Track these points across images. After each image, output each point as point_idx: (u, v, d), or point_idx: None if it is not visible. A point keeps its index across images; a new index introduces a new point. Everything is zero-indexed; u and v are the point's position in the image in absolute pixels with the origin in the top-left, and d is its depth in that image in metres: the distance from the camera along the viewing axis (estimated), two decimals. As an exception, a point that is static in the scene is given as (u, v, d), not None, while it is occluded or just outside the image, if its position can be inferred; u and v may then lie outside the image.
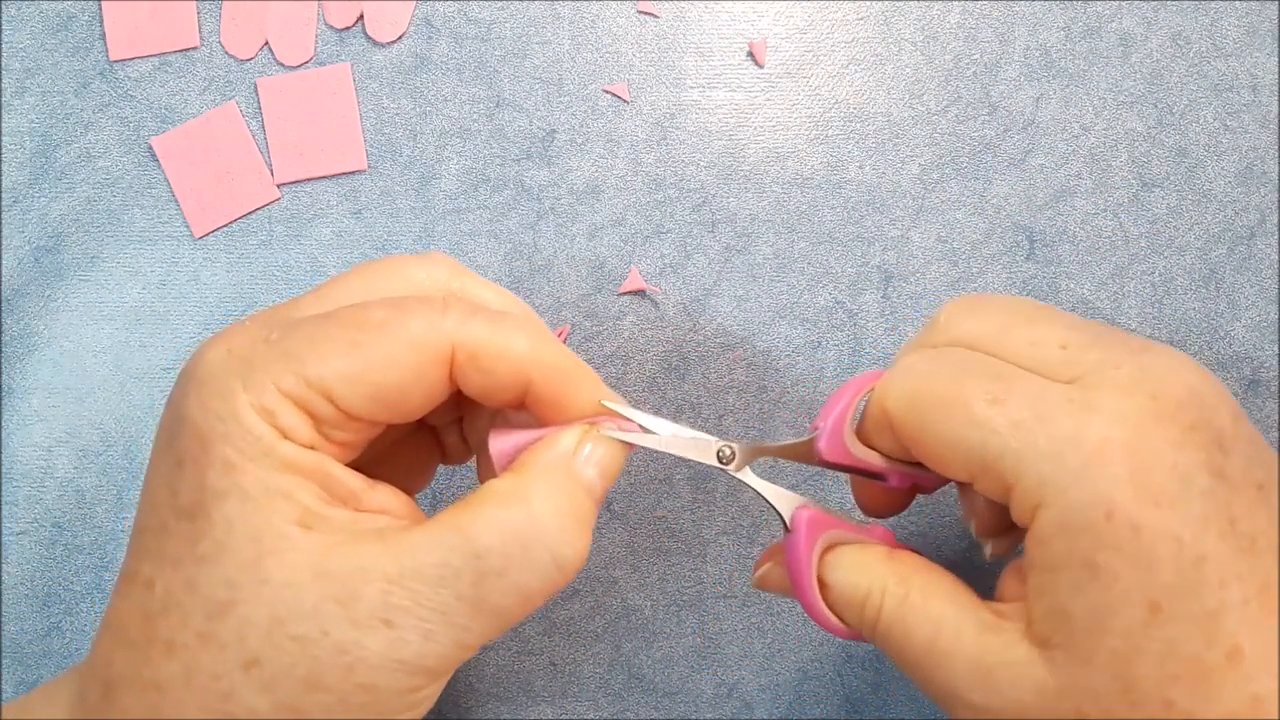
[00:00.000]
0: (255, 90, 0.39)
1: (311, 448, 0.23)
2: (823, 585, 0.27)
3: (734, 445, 0.27)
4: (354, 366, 0.23)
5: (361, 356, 0.23)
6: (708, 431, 0.37)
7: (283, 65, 0.39)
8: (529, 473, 0.24)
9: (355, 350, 0.23)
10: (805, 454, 0.27)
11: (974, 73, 0.38)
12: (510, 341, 0.24)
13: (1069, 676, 0.22)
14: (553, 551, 0.23)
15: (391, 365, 0.23)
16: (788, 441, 0.27)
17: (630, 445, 0.26)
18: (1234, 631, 0.22)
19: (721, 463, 0.27)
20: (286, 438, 0.23)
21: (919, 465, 0.27)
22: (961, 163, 0.38)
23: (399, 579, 0.22)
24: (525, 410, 0.26)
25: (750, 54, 0.39)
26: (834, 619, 0.27)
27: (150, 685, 0.22)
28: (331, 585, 0.22)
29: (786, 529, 0.27)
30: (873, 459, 0.27)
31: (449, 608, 0.22)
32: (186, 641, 0.22)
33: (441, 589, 0.22)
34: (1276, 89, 0.38)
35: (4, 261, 0.38)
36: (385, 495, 0.25)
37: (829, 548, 0.27)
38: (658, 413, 0.37)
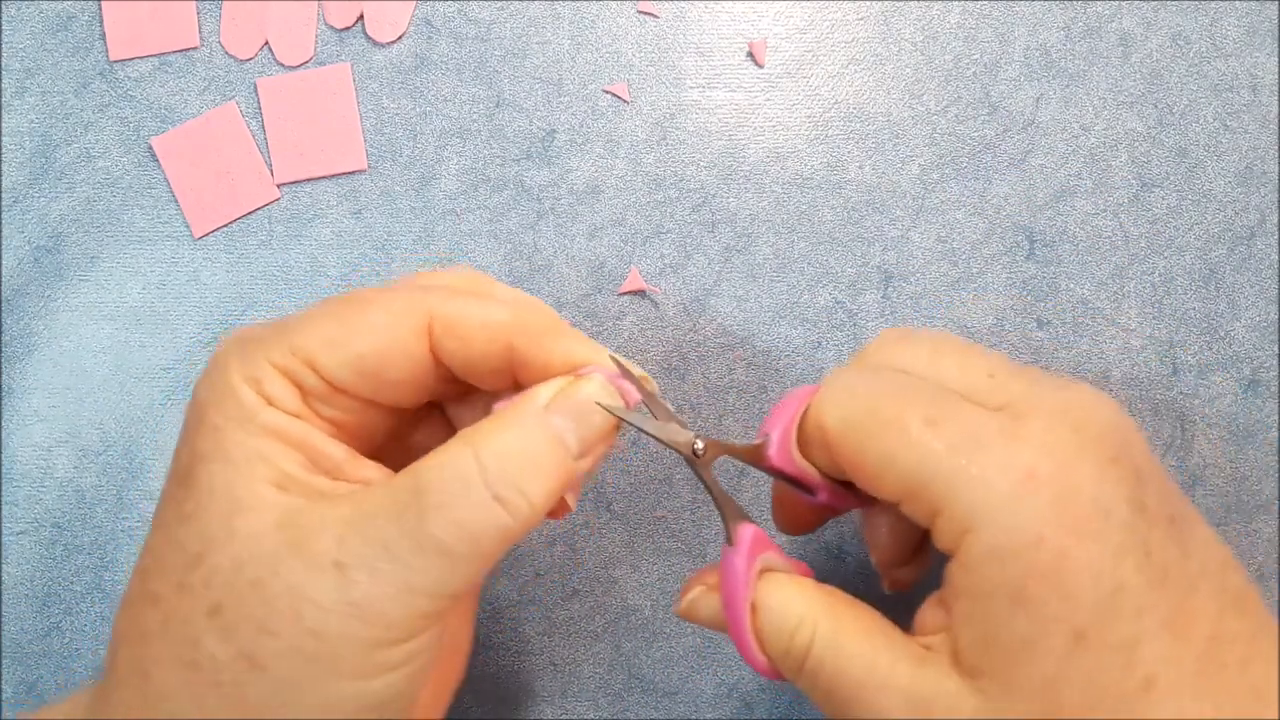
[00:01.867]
0: (255, 90, 0.39)
1: (297, 416, 0.24)
2: (753, 609, 0.26)
3: (706, 440, 0.27)
4: (335, 334, 0.24)
5: (343, 326, 0.24)
6: (707, 431, 0.37)
7: (283, 65, 0.39)
8: (493, 419, 0.24)
9: (338, 322, 0.24)
10: (756, 458, 0.27)
11: (974, 73, 0.38)
12: (489, 312, 0.25)
13: (999, 706, 0.22)
14: (494, 490, 0.23)
15: (369, 332, 0.24)
16: (743, 443, 0.27)
17: (610, 394, 0.25)
18: (1149, 660, 0.22)
19: (696, 455, 0.26)
20: (273, 405, 0.24)
21: (846, 483, 0.27)
22: (961, 163, 0.38)
23: (351, 522, 0.23)
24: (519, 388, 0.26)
25: (750, 54, 0.39)
26: (758, 650, 0.26)
27: (138, 638, 0.23)
28: (290, 533, 0.22)
29: (729, 541, 0.26)
30: (811, 472, 0.27)
31: (392, 542, 0.22)
32: (166, 593, 0.23)
33: (386, 524, 0.22)
34: (1276, 89, 0.38)
35: (4, 261, 0.38)
36: (370, 469, 0.25)
37: (762, 570, 0.26)
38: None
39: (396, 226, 0.38)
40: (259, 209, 0.38)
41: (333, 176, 0.38)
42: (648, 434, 0.26)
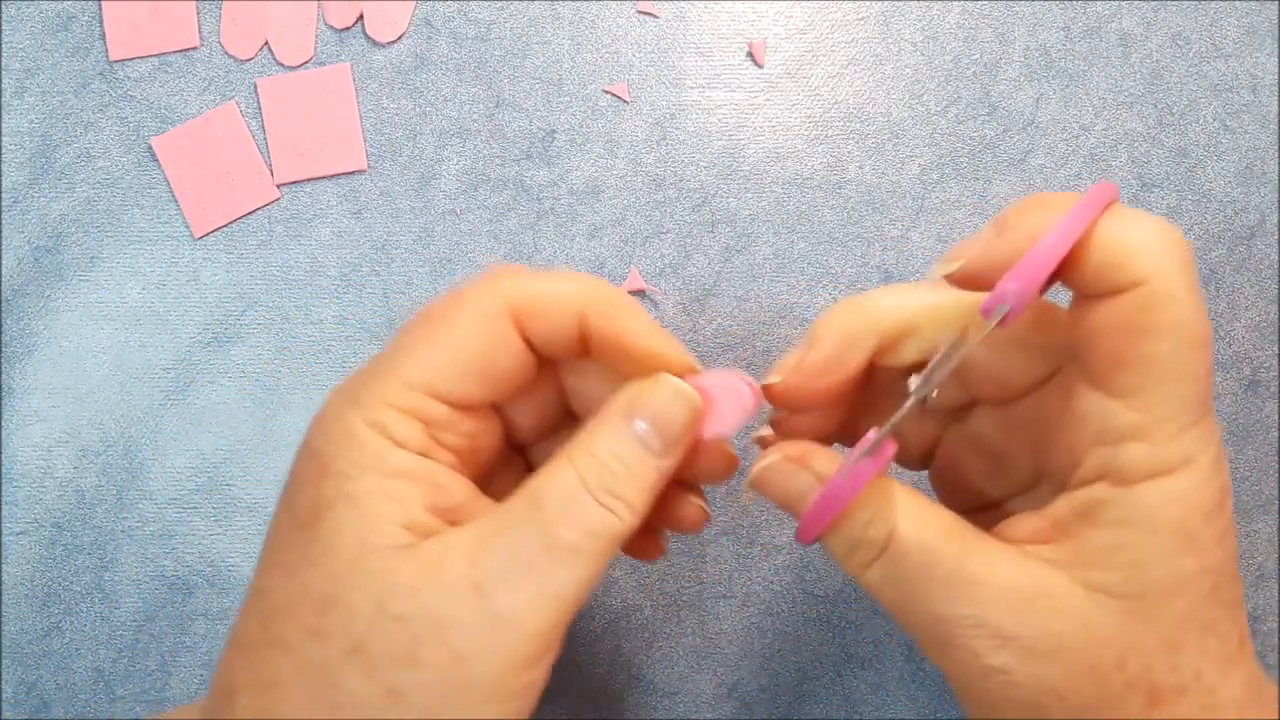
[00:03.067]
0: (255, 90, 0.39)
1: (424, 454, 0.25)
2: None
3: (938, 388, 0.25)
4: (440, 353, 0.25)
5: (443, 341, 0.25)
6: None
7: (283, 65, 0.39)
8: (585, 432, 0.25)
9: (435, 340, 0.25)
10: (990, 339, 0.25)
11: (974, 73, 0.38)
12: (560, 283, 0.26)
13: (1122, 623, 0.23)
14: (598, 497, 0.24)
15: (468, 336, 0.25)
16: (975, 342, 0.25)
17: (691, 396, 0.26)
18: (1241, 627, 0.23)
19: (925, 402, 0.25)
20: (400, 447, 0.24)
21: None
22: (961, 163, 0.38)
23: (480, 543, 0.23)
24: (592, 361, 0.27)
25: (750, 54, 0.39)
26: (819, 533, 0.25)
27: (265, 685, 0.23)
28: (425, 565, 0.23)
29: (870, 450, 0.25)
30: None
31: (523, 551, 0.23)
32: (297, 639, 0.23)
33: (514, 537, 0.23)
34: (1276, 89, 0.38)
35: (4, 261, 0.38)
36: (488, 504, 0.26)
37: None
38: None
39: (396, 226, 0.38)
40: (259, 209, 0.38)
41: (333, 176, 0.38)
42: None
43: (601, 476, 0.24)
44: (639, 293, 0.37)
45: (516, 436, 0.29)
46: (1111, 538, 0.23)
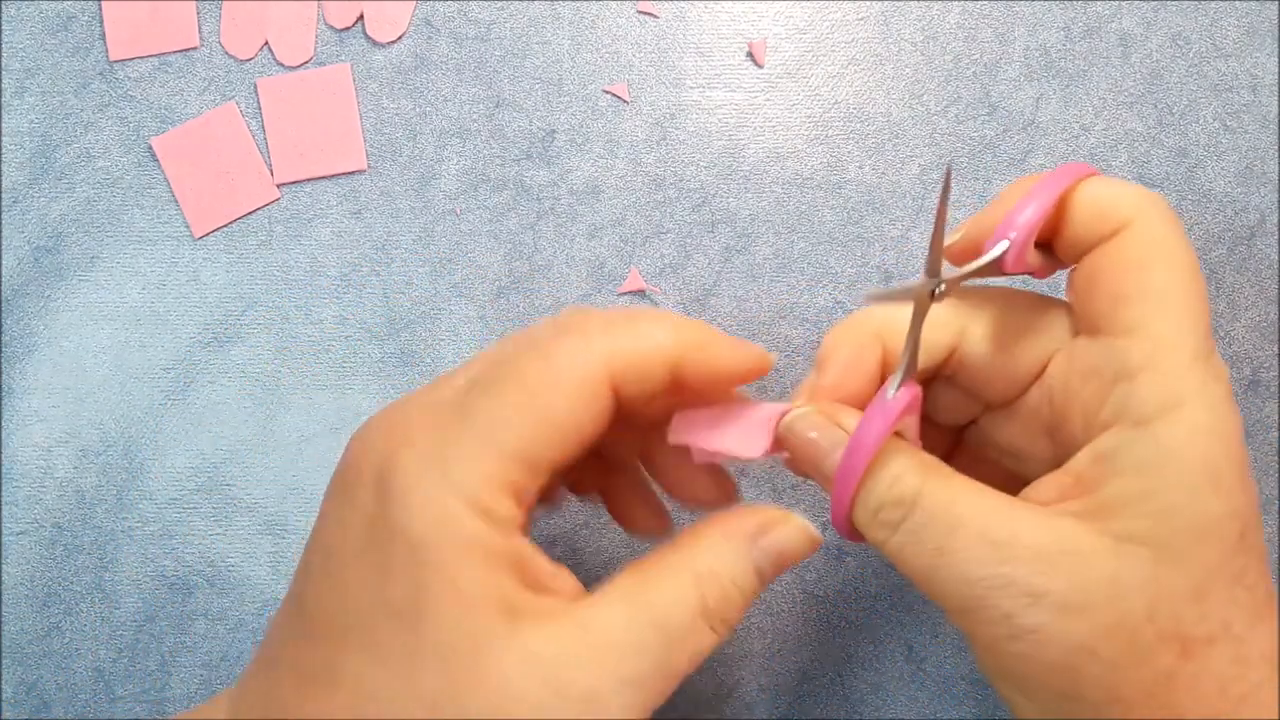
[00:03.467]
0: (255, 90, 0.39)
1: (521, 531, 0.24)
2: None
3: (947, 280, 0.25)
4: (539, 425, 0.24)
5: (541, 412, 0.24)
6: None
7: (283, 65, 0.39)
8: (710, 543, 0.25)
9: (532, 409, 0.24)
10: (991, 272, 0.25)
11: (974, 73, 0.38)
12: (655, 335, 0.25)
13: (1151, 573, 0.22)
14: (711, 623, 0.24)
15: (570, 409, 0.24)
16: (980, 263, 0.25)
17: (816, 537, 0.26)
18: (1268, 580, 0.23)
19: (935, 297, 0.25)
20: (498, 527, 0.23)
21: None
22: (961, 163, 0.38)
23: (598, 658, 0.23)
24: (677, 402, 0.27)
25: (750, 54, 0.39)
26: (849, 504, 0.25)
27: None
28: (543, 671, 0.23)
29: (894, 388, 0.25)
30: (1034, 267, 0.26)
31: (642, 677, 0.23)
32: (447, 708, 0.22)
33: (634, 659, 0.23)
34: (1276, 89, 0.38)
35: (4, 261, 0.38)
36: (565, 576, 0.25)
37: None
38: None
39: (396, 226, 0.38)
40: (259, 209, 0.38)
41: (333, 176, 0.38)
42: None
43: (720, 605, 0.24)
44: (639, 293, 0.37)
45: None
46: (1135, 484, 0.23)
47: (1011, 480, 0.28)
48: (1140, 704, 0.22)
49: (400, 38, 0.39)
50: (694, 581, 0.24)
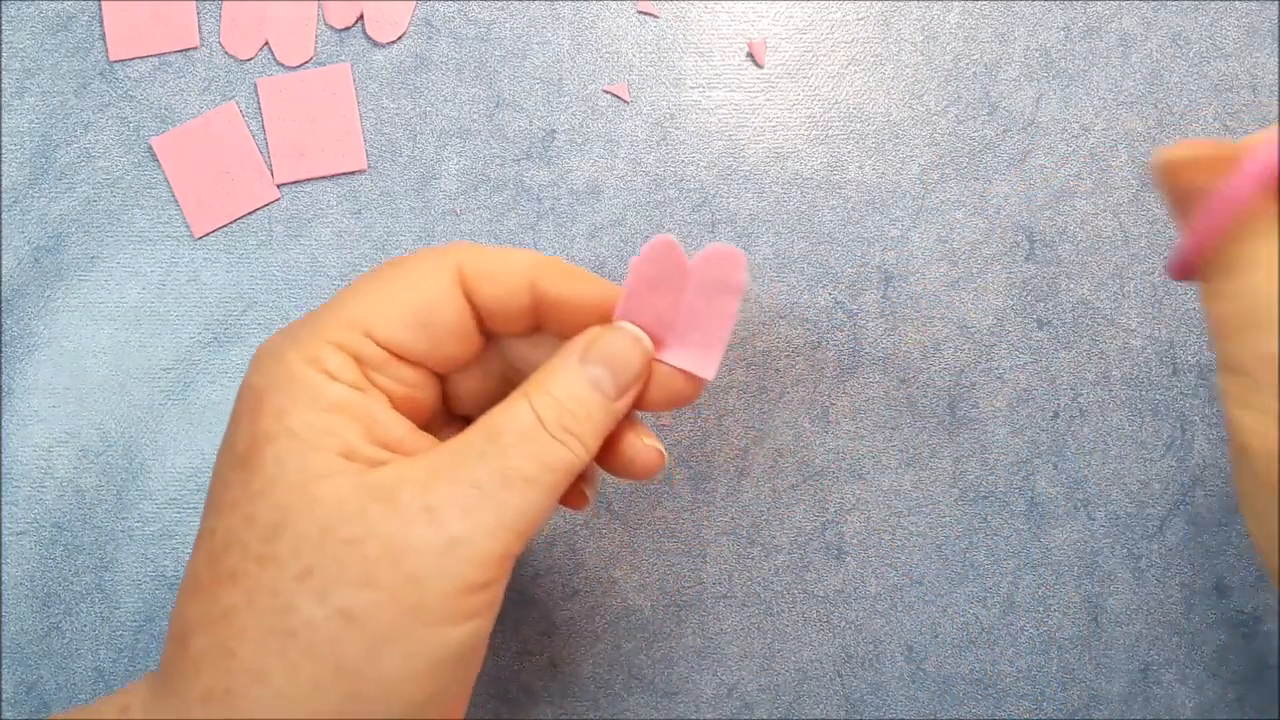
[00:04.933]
0: (255, 90, 0.39)
1: (358, 388, 0.25)
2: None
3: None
4: (384, 298, 0.26)
5: (389, 288, 0.26)
6: (708, 433, 0.37)
7: (283, 65, 0.39)
8: (540, 373, 0.26)
9: (383, 286, 0.26)
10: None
11: (974, 73, 0.38)
12: (512, 252, 0.27)
13: None
14: (554, 433, 0.25)
15: (413, 287, 0.26)
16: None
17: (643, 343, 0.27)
18: None
19: None
20: (334, 380, 0.25)
21: None
22: (961, 163, 0.38)
23: (433, 471, 0.24)
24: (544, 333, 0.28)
25: (750, 54, 0.39)
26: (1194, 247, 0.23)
27: (218, 618, 0.23)
28: (374, 490, 0.23)
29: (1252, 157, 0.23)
30: None
31: (479, 480, 0.24)
32: (246, 569, 0.23)
33: (470, 466, 0.24)
34: (1276, 89, 0.38)
35: (4, 261, 0.38)
36: (428, 441, 0.26)
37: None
38: (657, 414, 0.37)
39: (396, 226, 0.38)
40: (259, 209, 0.38)
41: (333, 176, 0.38)
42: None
43: (558, 415, 0.25)
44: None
45: (459, 409, 0.29)
46: None
47: None
48: None
49: (400, 38, 0.39)
50: (524, 397, 0.25)
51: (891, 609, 0.36)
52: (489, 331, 0.28)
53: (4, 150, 0.38)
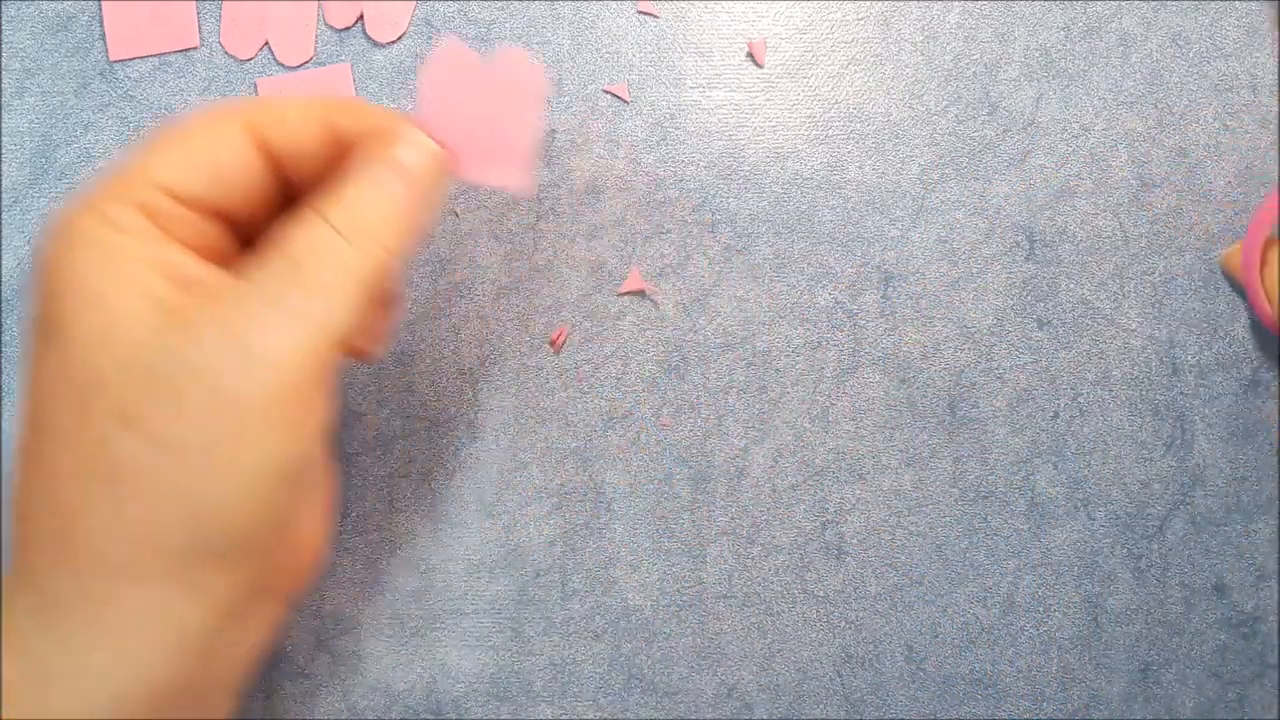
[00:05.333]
0: (255, 90, 0.39)
1: (147, 232, 0.25)
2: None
3: None
4: (171, 152, 0.26)
5: (176, 142, 0.26)
6: (708, 433, 0.37)
7: (283, 65, 0.39)
8: (327, 188, 0.26)
9: (165, 140, 0.26)
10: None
11: (974, 73, 0.38)
12: (302, 98, 0.27)
13: None
14: (354, 242, 0.25)
15: (197, 139, 0.26)
16: None
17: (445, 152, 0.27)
18: None
19: None
20: (124, 232, 0.25)
21: None
22: (961, 163, 0.38)
23: (237, 299, 0.24)
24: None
25: (750, 54, 0.39)
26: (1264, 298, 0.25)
27: (46, 478, 0.24)
28: (177, 326, 0.24)
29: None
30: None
31: (273, 294, 0.24)
32: (67, 423, 0.24)
33: (264, 281, 0.24)
34: (1276, 89, 0.38)
35: (4, 261, 0.38)
36: (233, 280, 0.27)
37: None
38: (657, 414, 0.37)
39: (396, 226, 0.38)
40: (259, 209, 0.38)
41: (333, 176, 0.38)
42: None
43: (351, 219, 0.25)
44: (639, 293, 0.37)
45: None
46: None
47: None
48: None
49: (400, 38, 0.39)
50: (313, 210, 0.25)
51: (891, 609, 0.36)
52: (293, 183, 0.28)
53: (4, 150, 0.38)
